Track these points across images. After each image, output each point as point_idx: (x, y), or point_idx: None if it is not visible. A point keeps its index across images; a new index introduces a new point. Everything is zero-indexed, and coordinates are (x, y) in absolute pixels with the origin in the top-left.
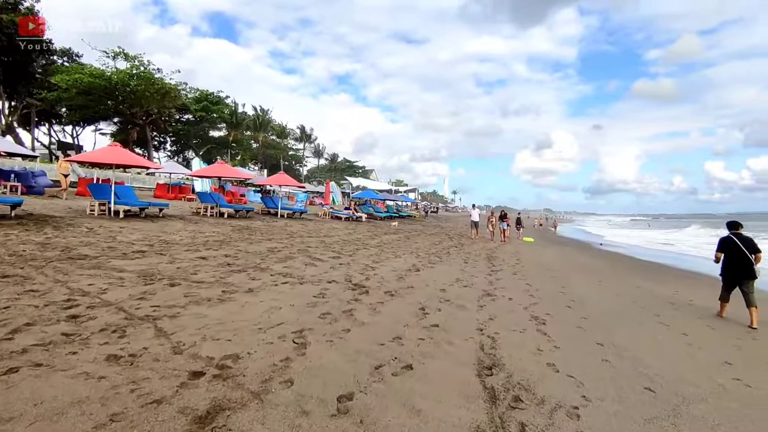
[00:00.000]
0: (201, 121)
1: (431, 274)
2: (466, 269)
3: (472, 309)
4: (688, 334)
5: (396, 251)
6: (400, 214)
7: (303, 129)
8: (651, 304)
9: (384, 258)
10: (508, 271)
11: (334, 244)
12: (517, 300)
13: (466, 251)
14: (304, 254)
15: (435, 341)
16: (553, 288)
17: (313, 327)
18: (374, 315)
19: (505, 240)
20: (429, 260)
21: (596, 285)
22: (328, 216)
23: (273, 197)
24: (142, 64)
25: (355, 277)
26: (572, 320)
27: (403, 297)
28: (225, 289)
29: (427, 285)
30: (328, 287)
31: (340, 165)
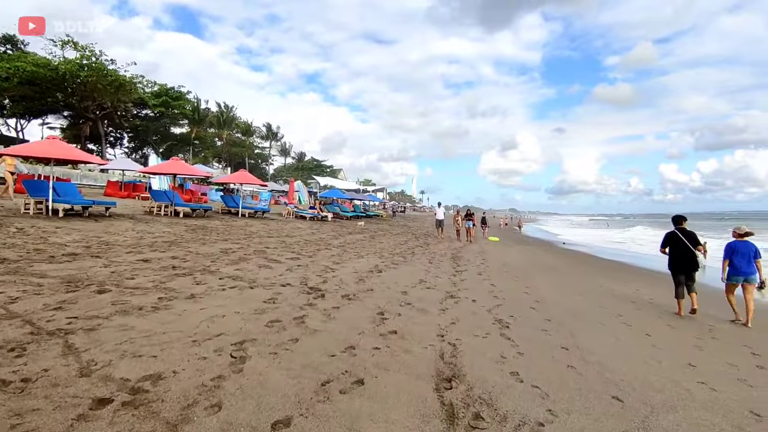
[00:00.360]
0: (161, 116)
1: (394, 275)
2: (430, 270)
3: (433, 312)
4: (650, 335)
5: (359, 251)
6: (367, 213)
7: (269, 127)
8: (613, 304)
9: (346, 259)
10: (472, 271)
11: (295, 245)
12: (480, 302)
13: (432, 251)
14: (260, 255)
15: (392, 350)
16: (518, 288)
17: (257, 337)
18: (328, 322)
19: (470, 239)
20: (393, 260)
21: (560, 284)
22: (292, 215)
23: (234, 196)
24: (93, 54)
25: (312, 279)
26: (536, 322)
27: (362, 301)
28: (163, 296)
29: (388, 287)
30: (281, 291)
31: (308, 164)
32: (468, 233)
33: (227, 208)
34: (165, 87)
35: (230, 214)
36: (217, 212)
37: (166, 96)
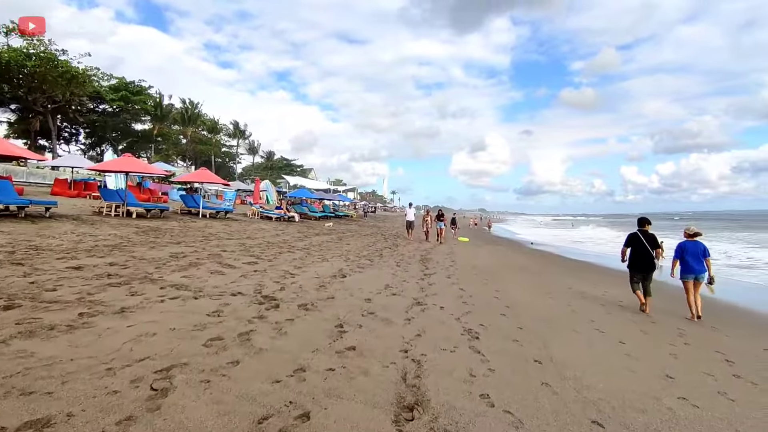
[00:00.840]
0: (120, 112)
1: (358, 280)
2: (397, 273)
3: (398, 323)
4: (624, 342)
5: (324, 254)
6: (336, 213)
7: (236, 124)
8: (584, 307)
9: (309, 263)
10: (441, 274)
11: (255, 247)
12: (449, 309)
13: (400, 253)
14: (215, 260)
15: (348, 371)
16: (488, 292)
17: (189, 360)
18: (278, 338)
19: (441, 240)
20: (359, 264)
21: (530, 287)
22: (257, 216)
23: (195, 195)
24: (42, 44)
25: (268, 287)
26: (507, 331)
27: (320, 311)
28: (85, 311)
29: (351, 294)
30: (229, 302)
31: (277, 163)
32: (438, 234)
33: (187, 208)
34: (124, 81)
35: (190, 214)
36: (175, 213)
37: (126, 90)
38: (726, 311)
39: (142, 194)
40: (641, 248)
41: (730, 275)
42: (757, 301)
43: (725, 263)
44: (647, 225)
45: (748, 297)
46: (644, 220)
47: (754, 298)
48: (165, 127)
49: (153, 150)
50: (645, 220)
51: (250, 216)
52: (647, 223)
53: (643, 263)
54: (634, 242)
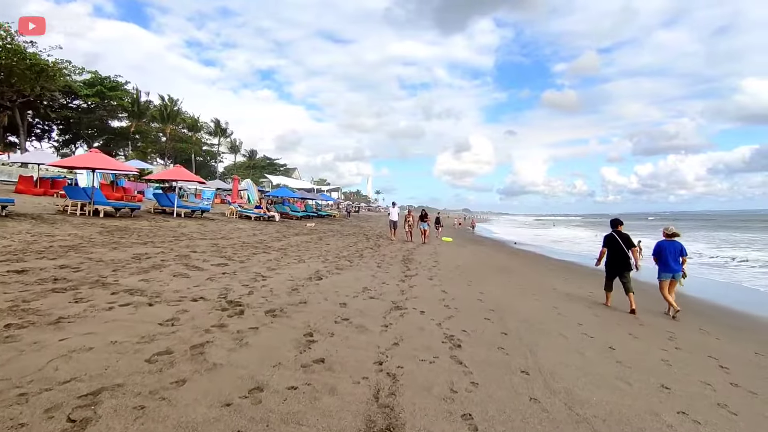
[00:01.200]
0: (95, 108)
1: (335, 282)
2: (377, 275)
3: (374, 330)
4: (614, 347)
5: (302, 255)
6: (319, 213)
7: (218, 122)
8: (571, 310)
9: (284, 264)
10: (424, 275)
11: (228, 248)
12: (430, 313)
13: (382, 253)
14: (181, 262)
15: (312, 390)
16: (471, 295)
17: (125, 381)
18: (237, 350)
19: (425, 241)
20: (337, 265)
21: (514, 288)
22: (236, 215)
23: (169, 194)
24: (9, 35)
25: (236, 291)
26: (492, 338)
27: (290, 317)
28: (14, 322)
29: (325, 298)
30: (188, 308)
31: (260, 162)
32: (423, 234)
33: (161, 207)
34: (98, 76)
35: (165, 213)
36: (149, 212)
37: (101, 86)
38: (708, 310)
39: (115, 193)
40: (618, 249)
41: (708, 274)
42: (735, 300)
43: (702, 262)
44: (620, 226)
45: (726, 296)
46: (617, 221)
47: (731, 296)
48: (143, 124)
49: (130, 148)
50: (618, 222)
51: (229, 215)
52: (620, 224)
53: (620, 263)
54: (610, 243)
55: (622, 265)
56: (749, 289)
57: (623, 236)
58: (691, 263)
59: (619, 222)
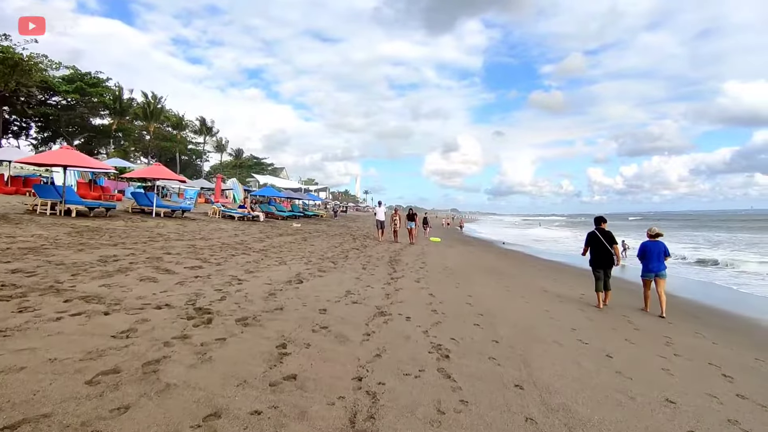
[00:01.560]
0: (76, 105)
1: (317, 285)
2: (362, 277)
3: (355, 340)
4: (611, 355)
5: (283, 256)
6: (305, 213)
7: (203, 121)
8: (563, 313)
9: (264, 266)
10: (410, 277)
11: (206, 249)
12: (417, 319)
13: (368, 254)
14: (152, 264)
15: (279, 414)
16: (460, 298)
17: (53, 410)
18: (197, 366)
19: (412, 241)
20: (320, 267)
21: (504, 291)
22: (219, 215)
23: (148, 193)
24: None
25: (207, 296)
26: (482, 346)
27: (263, 326)
28: None
29: (304, 304)
30: (150, 317)
31: (247, 161)
32: (409, 234)
33: (139, 206)
34: (78, 72)
35: (143, 213)
36: (126, 211)
37: (81, 82)
38: (697, 311)
39: (93, 192)
40: (600, 246)
41: (694, 275)
42: (721, 301)
43: (687, 262)
44: (603, 223)
45: (710, 296)
46: (600, 219)
47: (715, 296)
48: (126, 122)
49: (112, 146)
50: (601, 219)
51: (211, 215)
52: (603, 221)
53: (603, 259)
54: (593, 241)
55: (605, 262)
56: (729, 289)
57: (606, 233)
58: (680, 264)
59: (603, 220)
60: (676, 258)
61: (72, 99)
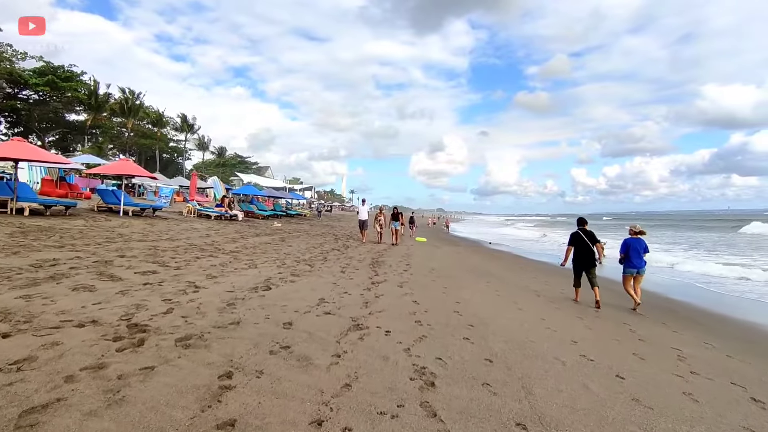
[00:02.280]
0: (49, 99)
1: (287, 292)
2: (340, 282)
3: (321, 364)
4: (623, 376)
5: (256, 258)
6: (288, 212)
7: (184, 118)
8: (561, 322)
9: (230, 270)
10: (393, 281)
11: (168, 251)
12: (398, 333)
13: (349, 255)
14: (96, 270)
15: None
16: (447, 305)
17: None
18: (98, 414)
19: (396, 242)
20: (295, 270)
21: (494, 295)
22: (194, 214)
23: (116, 190)
24: None
25: (150, 308)
26: (474, 367)
27: (209, 347)
28: None
29: (267, 316)
30: (64, 339)
31: (230, 160)
32: (394, 235)
33: (106, 204)
34: (50, 65)
35: (111, 212)
36: (91, 210)
37: (53, 75)
38: (699, 316)
39: (59, 189)
40: (583, 245)
41: (682, 276)
42: (712, 302)
43: (671, 263)
44: (585, 224)
45: (699, 297)
46: (582, 219)
47: (716, 302)
48: (104, 118)
49: (86, 142)
50: (583, 220)
51: (186, 214)
52: (585, 222)
53: (586, 259)
54: (576, 241)
55: (588, 261)
56: (728, 295)
57: (588, 233)
58: (669, 264)
59: (585, 221)
60: (667, 265)
61: (43, 93)
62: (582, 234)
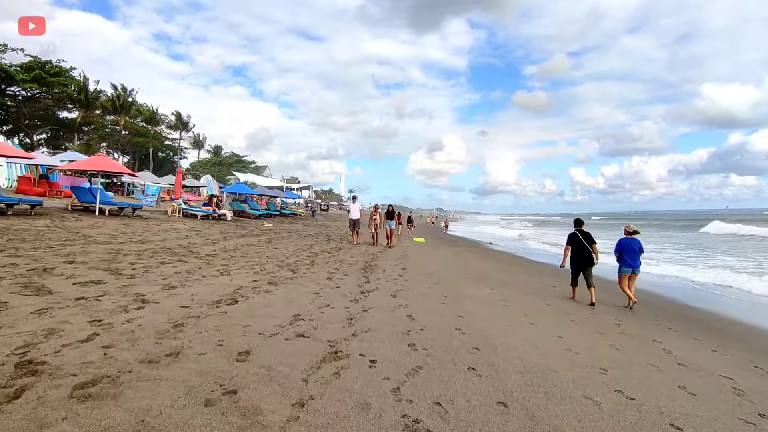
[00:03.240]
0: (38, 96)
1: (256, 307)
2: (323, 292)
3: (273, 422)
4: (680, 426)
5: (232, 264)
6: (281, 212)
7: (178, 115)
8: (581, 341)
9: (196, 278)
10: (386, 290)
11: (131, 256)
12: (386, 363)
13: (340, 258)
14: (25, 280)
15: None
16: (447, 320)
17: None
18: None
19: (391, 244)
20: (273, 278)
21: (501, 306)
22: (178, 213)
23: (92, 187)
24: None
25: (64, 335)
26: (486, 417)
27: (117, 398)
28: None
29: (220, 342)
30: None
31: (227, 159)
32: (389, 236)
33: (81, 203)
34: (38, 60)
35: (87, 211)
36: (64, 209)
37: (40, 70)
38: (719, 322)
39: (37, 187)
40: (580, 246)
41: (684, 277)
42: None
43: (672, 264)
44: (582, 225)
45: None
46: (579, 221)
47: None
48: (96, 116)
49: (77, 140)
50: (580, 221)
51: (171, 213)
52: (581, 223)
53: (583, 259)
54: (574, 241)
55: (586, 261)
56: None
57: (585, 234)
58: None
59: (581, 221)
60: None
61: (30, 89)
62: (579, 234)
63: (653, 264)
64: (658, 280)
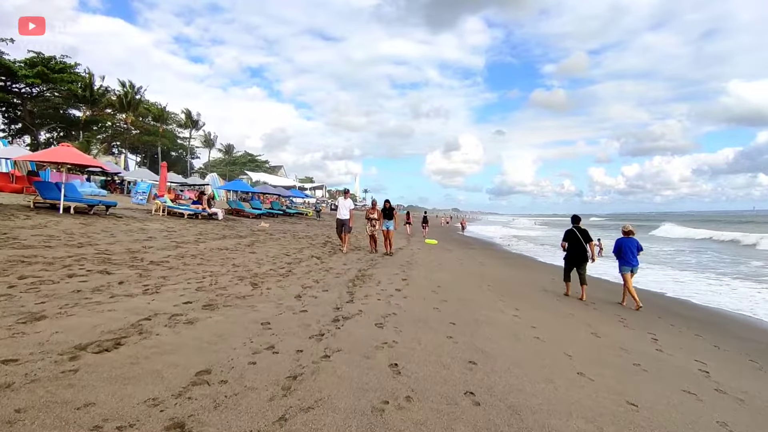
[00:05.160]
0: (45, 94)
1: (149, 353)
2: (278, 320)
3: None
4: None
5: (176, 275)
6: (285, 211)
7: (189, 114)
8: (650, 401)
9: (101, 298)
10: (371, 314)
11: (40, 264)
12: None
13: (328, 266)
14: None
15: None
16: (453, 375)
17: None
18: None
19: (389, 251)
20: (216, 297)
21: (533, 342)
22: (162, 212)
23: (58, 183)
24: None
25: None
26: None
27: None
28: None
29: (67, 422)
30: None
31: (241, 158)
32: (386, 240)
33: (45, 200)
34: (41, 56)
35: (52, 208)
36: (26, 206)
37: (44, 67)
38: None
39: (15, 184)
40: (576, 242)
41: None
42: None
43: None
44: (578, 221)
45: None
46: (576, 217)
47: None
48: (105, 114)
49: (82, 138)
50: (577, 218)
51: (154, 212)
52: (579, 220)
53: (578, 255)
54: (570, 237)
55: (580, 258)
56: None
57: (582, 231)
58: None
59: (578, 218)
60: None
61: (33, 84)
62: (576, 231)
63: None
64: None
